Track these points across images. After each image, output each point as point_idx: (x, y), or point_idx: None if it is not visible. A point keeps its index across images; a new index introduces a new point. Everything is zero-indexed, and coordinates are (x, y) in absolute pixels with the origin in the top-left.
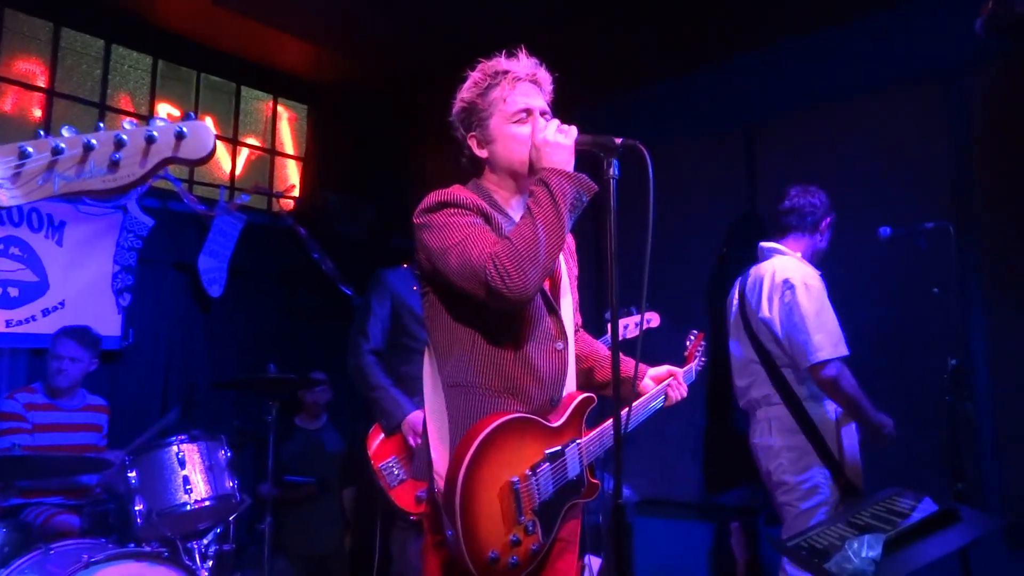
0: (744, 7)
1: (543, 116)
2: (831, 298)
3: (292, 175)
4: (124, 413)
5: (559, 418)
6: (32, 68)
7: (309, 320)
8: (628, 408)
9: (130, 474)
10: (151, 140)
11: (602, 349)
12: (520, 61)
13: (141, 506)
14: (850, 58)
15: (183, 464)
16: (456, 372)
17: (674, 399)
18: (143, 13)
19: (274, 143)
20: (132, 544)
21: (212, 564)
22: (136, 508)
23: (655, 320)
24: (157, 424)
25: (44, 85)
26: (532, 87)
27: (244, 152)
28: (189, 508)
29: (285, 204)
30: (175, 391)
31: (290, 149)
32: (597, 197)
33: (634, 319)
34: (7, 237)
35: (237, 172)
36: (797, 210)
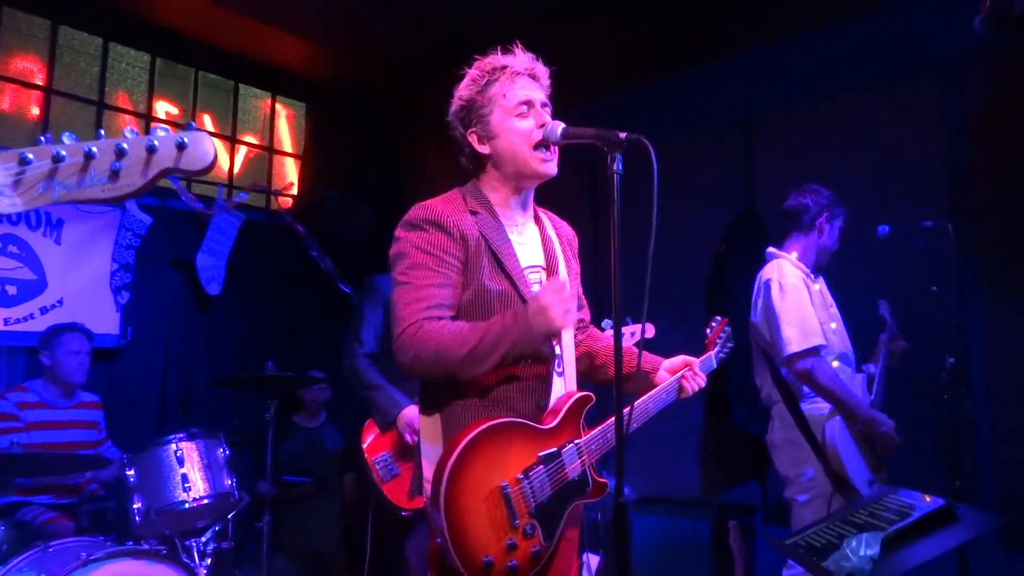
0: (742, 6)
1: (543, 108)
2: (833, 297)
3: (290, 173)
4: (122, 411)
5: (553, 420)
6: (30, 66)
7: (307, 318)
8: (630, 408)
9: (128, 472)
10: (152, 150)
11: (612, 344)
12: (517, 56)
13: (140, 504)
14: (848, 56)
15: (181, 462)
16: (441, 383)
17: (690, 390)
18: (141, 11)
19: (272, 141)
20: (131, 542)
21: (210, 562)
22: (135, 506)
23: (650, 331)
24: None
25: (42, 83)
26: (531, 81)
27: (242, 150)
28: (188, 506)
29: (283, 202)
30: (174, 389)
31: (288, 147)
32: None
33: (630, 328)
34: (5, 235)
35: (235, 170)
36: (791, 212)
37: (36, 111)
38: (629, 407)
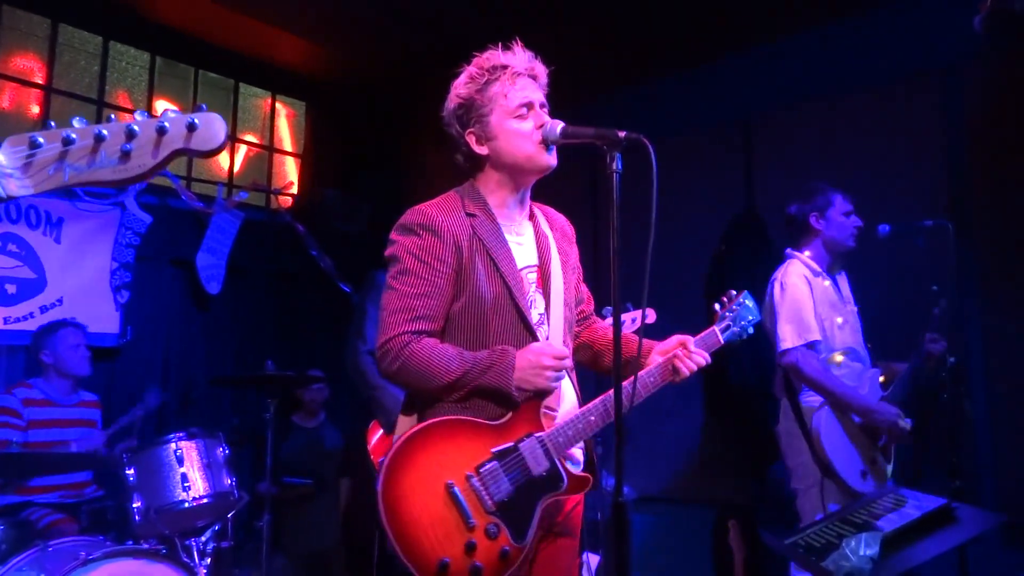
0: (742, 5)
1: (542, 109)
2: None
3: (290, 172)
4: (122, 410)
5: (505, 415)
6: (30, 64)
7: (307, 317)
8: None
9: (128, 471)
10: (162, 131)
11: (611, 333)
12: (517, 55)
13: (139, 503)
14: (847, 55)
15: (181, 461)
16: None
17: (686, 371)
18: (141, 9)
19: (272, 140)
20: (130, 541)
21: (210, 561)
22: (134, 505)
23: (651, 316)
24: (140, 406)
25: (42, 81)
26: (530, 81)
27: (242, 149)
28: (187, 505)
29: (283, 201)
30: (173, 388)
31: (288, 146)
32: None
33: (631, 315)
34: (5, 234)
35: (235, 169)
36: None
37: (36, 109)
38: (629, 390)
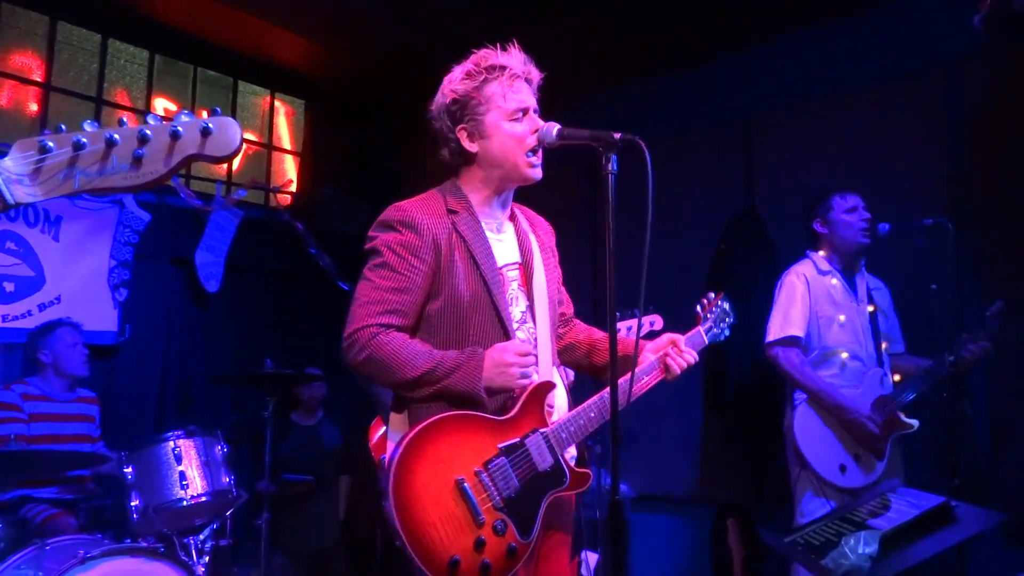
0: (741, 4)
1: (535, 114)
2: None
3: (289, 170)
4: (120, 409)
5: (510, 411)
6: (28, 62)
7: (306, 315)
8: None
9: (126, 470)
10: (176, 136)
11: (597, 333)
12: (514, 56)
13: (137, 501)
14: (847, 54)
15: (179, 460)
16: None
17: (677, 369)
18: (140, 7)
19: (271, 138)
20: (128, 540)
21: (208, 560)
22: (132, 503)
23: (658, 322)
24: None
25: (40, 79)
26: (526, 85)
27: (241, 147)
28: (185, 503)
29: (282, 199)
30: (172, 386)
31: (287, 144)
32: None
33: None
34: (3, 232)
35: (234, 167)
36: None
37: (35, 107)
38: (629, 388)
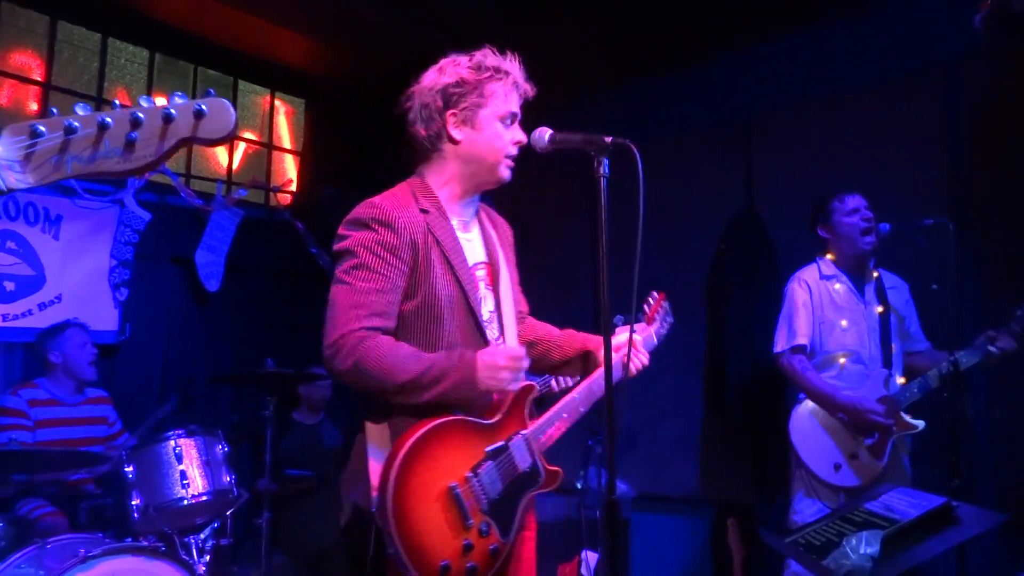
0: (741, 4)
1: (520, 126)
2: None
3: (289, 169)
4: (121, 408)
5: (496, 414)
6: (28, 61)
7: (306, 315)
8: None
9: (127, 469)
10: (168, 119)
11: (553, 330)
12: (515, 66)
13: (138, 501)
14: (847, 54)
15: (180, 459)
16: None
17: (634, 370)
18: (140, 7)
19: (271, 137)
20: (129, 539)
21: (209, 559)
22: (133, 503)
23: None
24: (154, 415)
25: (40, 78)
26: (519, 99)
27: (241, 146)
28: (186, 503)
29: (282, 198)
30: (172, 386)
31: (287, 143)
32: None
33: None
34: (3, 231)
35: (234, 166)
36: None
37: (35, 106)
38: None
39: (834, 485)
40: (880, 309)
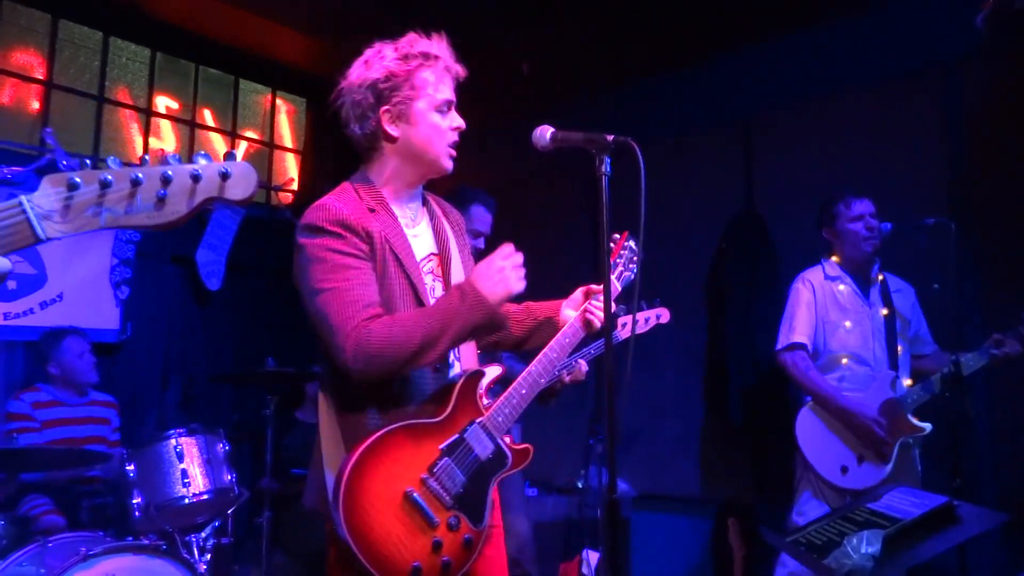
0: (741, 4)
1: (456, 111)
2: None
3: (291, 168)
4: (122, 407)
5: (445, 409)
6: (30, 60)
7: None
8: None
9: (128, 467)
10: (196, 179)
11: (511, 306)
12: (443, 47)
13: (139, 499)
14: (847, 54)
15: (181, 457)
16: (339, 397)
17: (597, 323)
18: (141, 5)
19: (273, 136)
20: (130, 537)
21: (210, 558)
22: (134, 501)
23: (665, 315)
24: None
25: (42, 77)
26: (452, 81)
27: (243, 145)
28: (187, 501)
29: (284, 197)
30: (173, 385)
31: (289, 142)
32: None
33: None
34: None
35: None
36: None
37: (36, 105)
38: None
39: (841, 488)
40: (884, 311)
